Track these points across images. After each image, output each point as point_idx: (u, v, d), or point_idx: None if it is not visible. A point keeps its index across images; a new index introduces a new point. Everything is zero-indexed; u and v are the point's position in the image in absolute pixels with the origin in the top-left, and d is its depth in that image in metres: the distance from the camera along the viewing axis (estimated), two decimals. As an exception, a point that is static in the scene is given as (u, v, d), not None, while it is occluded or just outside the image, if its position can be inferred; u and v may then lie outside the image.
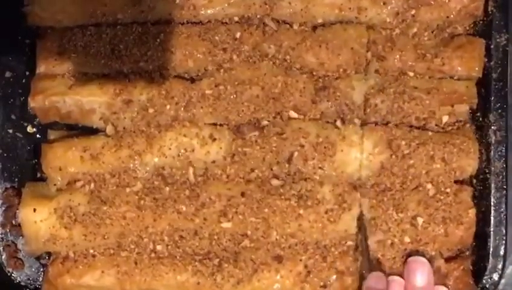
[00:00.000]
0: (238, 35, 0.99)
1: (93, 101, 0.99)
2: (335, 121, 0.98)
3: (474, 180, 1.00)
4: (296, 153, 0.96)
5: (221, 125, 0.98)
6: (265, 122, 0.98)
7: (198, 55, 0.99)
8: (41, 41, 1.02)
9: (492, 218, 0.99)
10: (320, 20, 1.00)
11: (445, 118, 0.98)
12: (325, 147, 0.96)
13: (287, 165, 0.96)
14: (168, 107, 0.98)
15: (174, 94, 0.98)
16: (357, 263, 0.97)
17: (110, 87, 0.99)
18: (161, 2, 1.00)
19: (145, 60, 0.99)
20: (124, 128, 0.99)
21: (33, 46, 1.03)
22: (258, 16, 1.00)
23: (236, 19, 1.00)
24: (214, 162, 0.97)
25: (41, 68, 1.01)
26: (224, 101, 0.98)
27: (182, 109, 0.98)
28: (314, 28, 1.00)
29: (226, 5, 1.00)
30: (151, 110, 0.98)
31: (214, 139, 0.97)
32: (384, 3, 0.99)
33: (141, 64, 0.99)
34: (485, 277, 0.99)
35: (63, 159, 0.98)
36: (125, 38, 1.00)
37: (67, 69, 1.01)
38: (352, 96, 0.98)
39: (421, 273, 0.94)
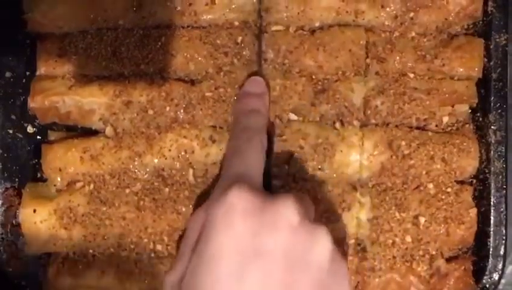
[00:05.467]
0: (239, 39, 0.99)
1: (93, 101, 0.98)
2: (334, 123, 0.98)
3: (474, 180, 1.00)
4: (295, 155, 0.96)
5: (221, 127, 0.98)
6: (264, 125, 0.98)
7: (200, 59, 0.99)
8: (41, 43, 1.02)
9: (492, 218, 0.99)
10: (317, 24, 1.00)
11: (445, 119, 0.98)
12: (324, 148, 0.96)
13: (286, 167, 0.96)
14: (167, 108, 0.98)
15: (174, 96, 0.98)
16: (354, 260, 0.97)
17: (110, 88, 0.99)
18: (161, 8, 0.99)
19: (146, 63, 0.99)
20: (123, 129, 0.99)
21: (33, 46, 1.02)
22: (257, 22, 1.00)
23: (236, 24, 1.00)
24: (214, 163, 0.97)
25: (41, 70, 1.01)
26: (224, 104, 0.98)
27: (182, 110, 0.98)
28: (313, 31, 1.00)
29: (227, 10, 0.99)
30: (150, 112, 0.98)
31: (214, 141, 0.97)
32: (382, 7, 0.99)
33: (142, 66, 0.99)
34: (485, 277, 0.99)
35: (63, 160, 0.98)
36: (127, 41, 0.99)
37: (68, 71, 1.00)
38: (351, 98, 0.98)
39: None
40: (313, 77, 0.99)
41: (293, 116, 0.98)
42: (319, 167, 0.96)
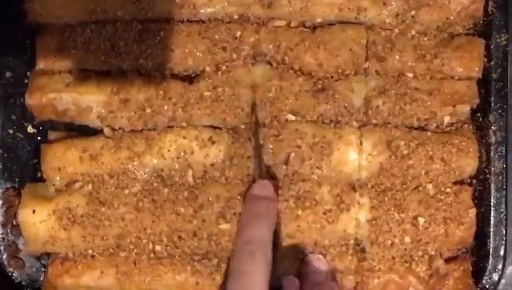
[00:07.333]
0: (238, 34, 0.99)
1: (90, 99, 0.98)
2: (331, 122, 0.98)
3: (474, 180, 1.00)
4: (293, 154, 0.96)
5: (219, 127, 0.98)
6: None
7: (198, 54, 0.99)
8: (41, 37, 1.02)
9: (492, 218, 0.99)
10: (319, 20, 1.00)
11: (446, 119, 0.98)
12: (321, 147, 0.96)
13: (284, 167, 0.96)
14: (165, 107, 0.98)
15: (171, 95, 0.98)
16: (354, 259, 0.97)
17: (108, 85, 0.99)
18: (161, 1, 0.99)
19: (145, 58, 0.99)
20: (121, 129, 0.99)
21: (33, 46, 1.02)
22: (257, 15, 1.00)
23: (235, 17, 1.00)
24: (212, 164, 0.97)
25: (40, 64, 1.01)
26: (222, 103, 0.97)
27: (180, 109, 0.98)
28: (314, 28, 1.00)
29: (226, 3, 0.99)
30: (148, 110, 0.98)
31: (213, 142, 0.97)
32: (384, 4, 0.99)
33: (141, 61, 0.99)
34: (485, 277, 1.00)
35: (62, 160, 0.98)
36: (125, 35, 0.99)
37: (67, 65, 1.00)
38: (351, 99, 0.98)
39: (318, 269, 0.94)
40: (313, 74, 0.99)
41: (291, 117, 0.97)
42: (317, 165, 0.96)
